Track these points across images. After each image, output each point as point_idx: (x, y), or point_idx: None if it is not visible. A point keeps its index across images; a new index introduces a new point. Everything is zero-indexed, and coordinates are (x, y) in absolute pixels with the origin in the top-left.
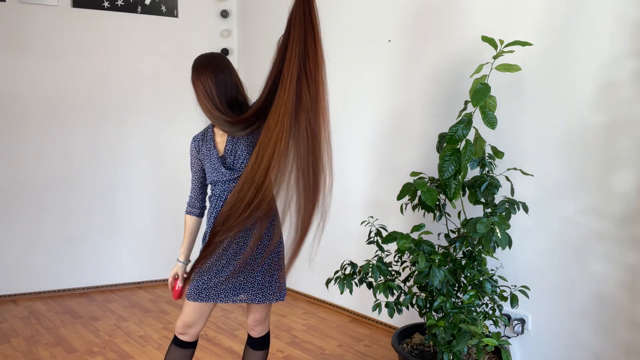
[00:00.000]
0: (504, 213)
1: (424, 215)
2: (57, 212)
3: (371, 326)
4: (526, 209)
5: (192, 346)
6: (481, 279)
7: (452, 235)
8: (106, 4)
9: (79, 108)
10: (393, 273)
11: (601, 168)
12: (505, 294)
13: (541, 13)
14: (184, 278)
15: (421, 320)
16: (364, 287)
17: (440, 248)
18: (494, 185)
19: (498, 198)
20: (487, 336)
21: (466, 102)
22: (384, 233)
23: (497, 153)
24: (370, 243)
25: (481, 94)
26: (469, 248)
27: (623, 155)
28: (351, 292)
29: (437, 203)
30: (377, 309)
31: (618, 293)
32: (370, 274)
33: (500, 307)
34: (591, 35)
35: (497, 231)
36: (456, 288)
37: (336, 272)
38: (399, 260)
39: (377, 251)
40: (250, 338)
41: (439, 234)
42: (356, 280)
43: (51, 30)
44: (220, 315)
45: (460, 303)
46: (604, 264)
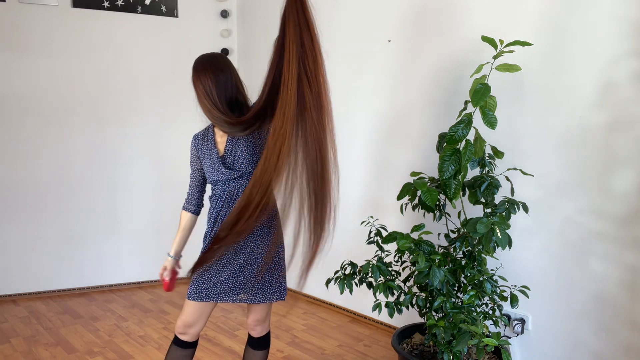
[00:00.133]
0: (504, 213)
1: (424, 215)
2: (57, 212)
3: (371, 326)
4: (526, 209)
5: (193, 346)
6: (481, 279)
7: (452, 235)
8: (106, 4)
9: (79, 108)
10: (393, 273)
11: (601, 168)
12: (505, 294)
13: (541, 13)
14: (174, 272)
15: (421, 320)
16: (364, 287)
17: (440, 248)
18: (494, 185)
19: (498, 198)
20: (487, 336)
21: (466, 102)
22: (384, 233)
23: (497, 153)
24: (370, 243)
25: (481, 94)
26: (469, 248)
27: (623, 155)
28: (351, 292)
29: (437, 203)
30: (377, 309)
31: (618, 293)
32: (370, 274)
33: (500, 307)
34: (591, 35)
35: (497, 231)
36: (456, 288)
37: (336, 272)
38: (399, 260)
39: (377, 251)
40: (250, 338)
41: (439, 234)
42: (356, 280)
43: (51, 30)
44: (220, 315)
45: (460, 303)
46: (604, 264)
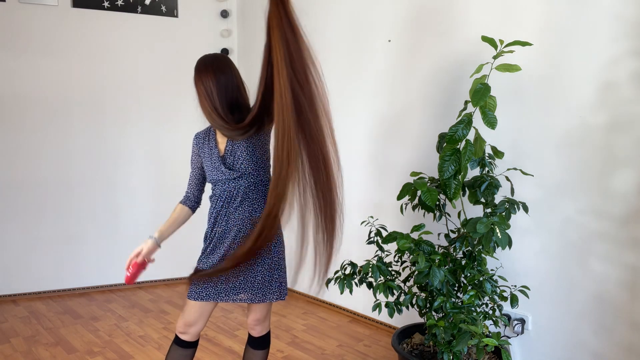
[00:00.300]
0: (504, 213)
1: (424, 215)
2: (57, 212)
3: (371, 326)
4: (526, 209)
5: (193, 346)
6: (481, 279)
7: (452, 235)
8: (106, 4)
9: (79, 108)
10: (393, 273)
11: (601, 168)
12: (505, 294)
13: (541, 13)
14: (143, 263)
15: (421, 320)
16: (364, 287)
17: (440, 248)
18: (494, 185)
19: (498, 198)
20: (487, 336)
21: (466, 102)
22: (384, 233)
23: (497, 153)
24: (370, 243)
25: (481, 94)
26: (469, 248)
27: (623, 155)
28: (351, 292)
29: (437, 203)
30: (377, 309)
31: (618, 293)
32: (370, 274)
33: (500, 307)
34: (591, 35)
35: (497, 231)
36: (456, 288)
37: (336, 272)
38: (399, 260)
39: (377, 251)
40: (250, 337)
41: (439, 234)
42: (356, 280)
43: (51, 30)
44: (220, 315)
45: (460, 303)
46: (604, 264)
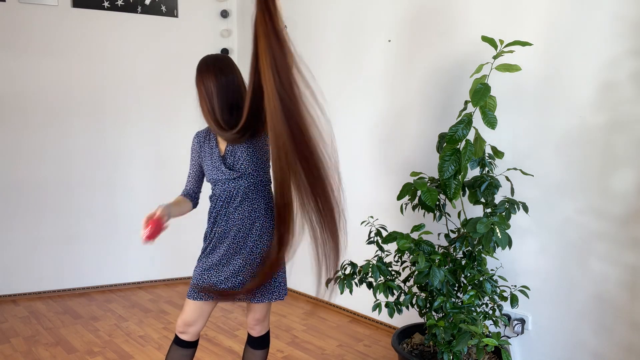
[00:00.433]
0: (504, 213)
1: (424, 215)
2: (57, 212)
3: (371, 326)
4: (526, 209)
5: (193, 346)
6: (481, 279)
7: (452, 235)
8: (106, 4)
9: (79, 108)
10: (393, 273)
11: (601, 168)
12: (505, 294)
13: (541, 13)
14: (160, 220)
15: (421, 320)
16: (364, 287)
17: (440, 248)
18: (494, 185)
19: (498, 198)
20: (487, 336)
21: (466, 102)
22: (384, 233)
23: (497, 153)
24: (370, 243)
25: (481, 94)
26: (469, 248)
27: (623, 155)
28: (351, 292)
29: (437, 203)
30: (377, 309)
31: (618, 293)
32: (370, 274)
33: (500, 307)
34: (591, 35)
35: (497, 231)
36: (456, 288)
37: (336, 272)
38: (399, 260)
39: (377, 251)
40: (250, 337)
41: (439, 234)
42: (356, 280)
43: (51, 30)
44: (220, 315)
45: (460, 303)
46: (604, 264)
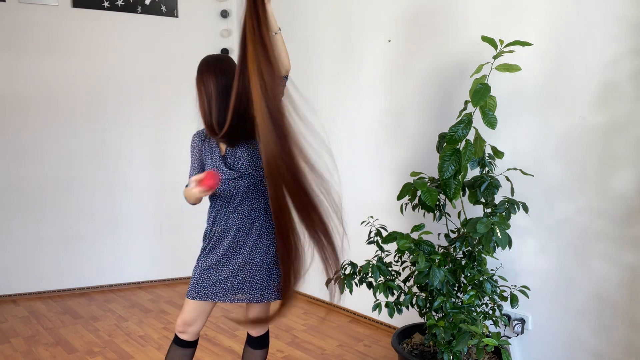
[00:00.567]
0: (504, 213)
1: (424, 215)
2: (57, 212)
3: (371, 326)
4: (526, 209)
5: (193, 345)
6: (481, 279)
7: (452, 235)
8: (106, 4)
9: (79, 108)
10: (393, 273)
11: (601, 168)
12: (505, 294)
13: (541, 13)
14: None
15: (421, 320)
16: (364, 287)
17: (440, 248)
18: (494, 185)
19: (498, 198)
20: (487, 336)
21: (466, 102)
22: (384, 233)
23: (497, 153)
24: (370, 243)
25: (481, 94)
26: (469, 248)
27: (622, 155)
28: (351, 292)
29: (437, 203)
30: (377, 309)
31: (618, 293)
32: (370, 274)
33: (500, 307)
34: (591, 35)
35: (497, 231)
36: (456, 288)
37: (336, 272)
38: (399, 260)
39: (377, 251)
40: (249, 337)
41: (439, 234)
42: (356, 280)
43: (51, 30)
44: (220, 315)
45: (460, 303)
46: (604, 264)
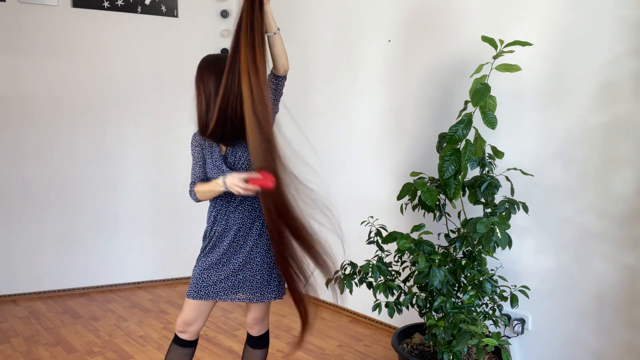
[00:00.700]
0: (504, 213)
1: (424, 215)
2: (58, 212)
3: (371, 326)
4: (526, 209)
5: (193, 345)
6: (481, 279)
7: (452, 235)
8: (106, 4)
9: (79, 108)
10: (393, 273)
11: (601, 168)
12: (505, 294)
13: (541, 13)
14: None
15: (421, 320)
16: (364, 287)
17: (440, 248)
18: (494, 185)
19: (498, 198)
20: (487, 336)
21: (466, 102)
22: (384, 233)
23: (497, 153)
24: (370, 243)
25: (481, 94)
26: (469, 248)
27: (623, 155)
28: (351, 292)
29: (437, 203)
30: (377, 309)
31: (617, 293)
32: (370, 274)
33: (500, 307)
34: (591, 35)
35: (497, 231)
36: (456, 288)
37: (336, 272)
38: (399, 260)
39: (377, 251)
40: (249, 337)
41: (439, 234)
42: (356, 280)
43: (51, 30)
44: (220, 315)
45: (460, 303)
46: (604, 264)
